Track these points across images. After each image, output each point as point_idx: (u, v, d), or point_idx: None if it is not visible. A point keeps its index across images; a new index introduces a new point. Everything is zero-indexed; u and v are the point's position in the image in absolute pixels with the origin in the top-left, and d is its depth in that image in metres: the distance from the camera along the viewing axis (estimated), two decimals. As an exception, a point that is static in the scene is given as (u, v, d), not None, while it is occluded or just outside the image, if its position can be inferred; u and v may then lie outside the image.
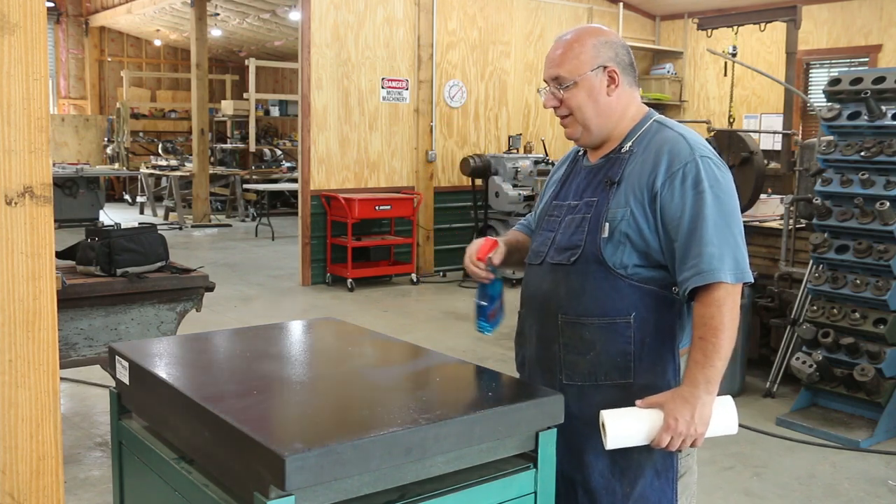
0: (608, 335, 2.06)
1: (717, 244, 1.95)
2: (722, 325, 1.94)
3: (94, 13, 17.07)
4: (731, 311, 1.95)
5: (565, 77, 2.09)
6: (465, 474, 1.80)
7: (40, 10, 1.84)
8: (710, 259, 1.94)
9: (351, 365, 2.23)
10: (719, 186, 1.99)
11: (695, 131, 2.15)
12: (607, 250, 2.04)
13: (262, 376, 2.06)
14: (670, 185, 2.00)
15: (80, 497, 3.72)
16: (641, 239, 2.03)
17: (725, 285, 1.94)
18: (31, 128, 1.85)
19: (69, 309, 3.74)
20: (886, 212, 4.43)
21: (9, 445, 1.90)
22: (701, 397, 1.95)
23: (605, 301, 2.05)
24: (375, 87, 8.75)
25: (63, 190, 12.14)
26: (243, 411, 1.76)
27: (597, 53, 2.08)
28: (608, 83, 2.09)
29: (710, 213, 1.96)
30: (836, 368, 4.62)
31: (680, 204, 1.99)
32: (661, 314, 2.05)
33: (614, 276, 2.04)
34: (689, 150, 2.01)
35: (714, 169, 2.01)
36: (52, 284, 1.93)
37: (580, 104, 2.10)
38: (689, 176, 1.99)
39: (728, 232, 1.98)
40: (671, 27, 11.13)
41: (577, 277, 2.08)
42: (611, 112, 2.11)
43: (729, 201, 2.01)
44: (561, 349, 2.11)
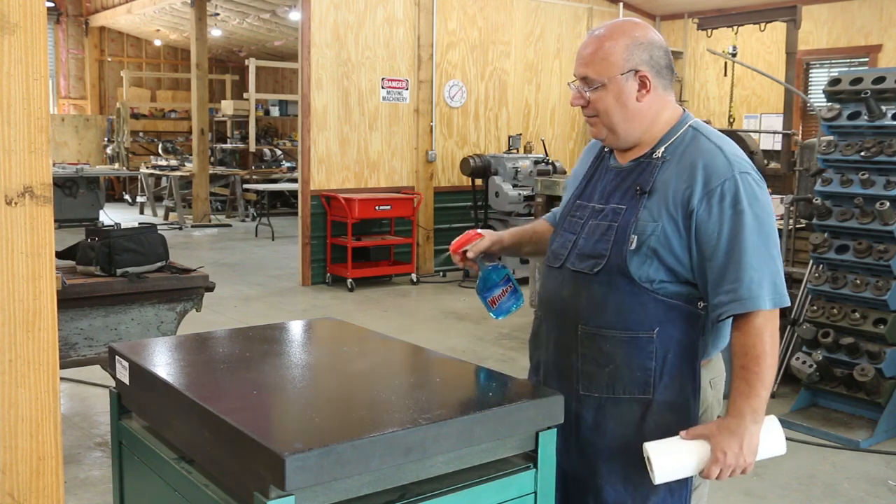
0: (629, 349, 1.99)
1: (757, 268, 1.88)
2: (764, 353, 1.89)
3: (94, 13, 17.07)
4: (772, 337, 1.90)
5: (593, 78, 1.99)
6: (465, 474, 1.80)
7: (40, 10, 1.84)
8: (749, 285, 1.87)
9: (351, 365, 2.23)
10: (759, 205, 1.91)
11: (731, 141, 2.04)
12: (633, 263, 1.96)
13: (262, 376, 2.06)
14: (707, 203, 1.91)
15: (80, 497, 3.72)
16: (671, 255, 1.95)
17: (765, 312, 1.88)
18: (31, 128, 1.85)
19: (69, 309, 3.74)
20: (886, 212, 4.43)
21: (9, 445, 1.90)
22: (749, 428, 1.90)
23: (629, 315, 1.98)
24: (375, 87, 8.75)
25: (63, 190, 12.14)
26: (243, 411, 1.76)
27: (629, 56, 1.96)
28: (639, 88, 1.98)
29: (749, 235, 1.88)
30: (836, 368, 4.62)
31: (717, 224, 1.90)
32: (685, 330, 1.98)
33: (639, 289, 1.96)
34: (727, 167, 1.92)
35: (754, 186, 1.92)
36: (52, 284, 1.93)
37: (607, 108, 2.00)
38: (728, 194, 1.90)
39: (767, 255, 1.90)
40: (671, 27, 11.13)
41: (599, 288, 2.00)
42: (641, 118, 2.01)
43: (768, 220, 1.92)
44: (579, 359, 2.05)
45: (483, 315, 7.41)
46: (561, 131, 10.26)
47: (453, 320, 7.26)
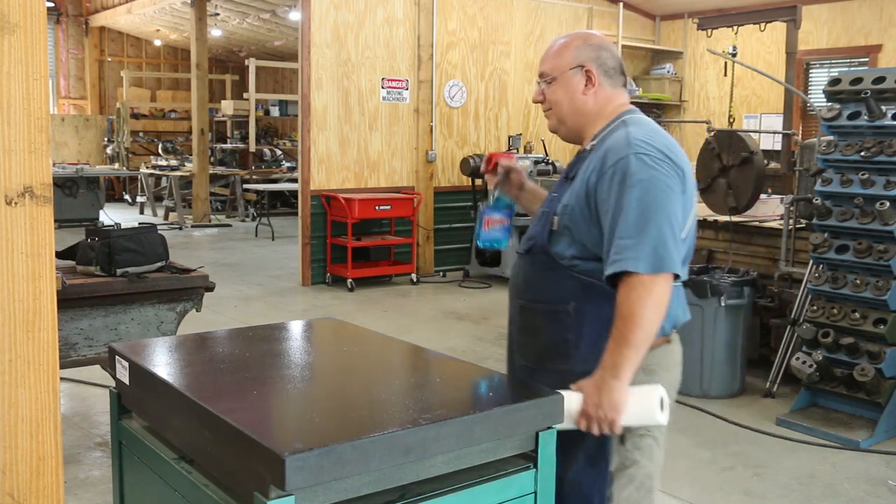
0: (551, 321, 2.18)
1: (633, 236, 2.00)
2: (631, 314, 1.97)
3: (94, 13, 17.07)
4: (644, 300, 1.97)
5: (548, 73, 2.23)
6: (465, 474, 1.80)
7: (40, 10, 1.84)
8: (622, 250, 2.00)
9: (351, 365, 2.23)
10: (649, 181, 2.03)
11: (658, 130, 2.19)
12: (552, 241, 2.18)
13: (262, 376, 2.06)
14: (602, 180, 2.09)
15: (80, 497, 3.72)
16: (579, 231, 2.14)
17: (639, 275, 1.98)
18: (31, 128, 1.85)
19: (69, 309, 3.74)
20: (886, 212, 4.43)
21: (9, 445, 1.90)
22: (607, 382, 1.99)
23: (549, 289, 2.18)
24: (375, 87, 8.75)
25: (63, 190, 12.14)
26: (243, 411, 1.76)
27: (578, 54, 2.20)
28: (585, 83, 2.20)
29: (630, 207, 2.02)
30: (836, 368, 4.62)
31: (607, 198, 2.07)
32: (600, 305, 2.09)
33: (557, 265, 2.16)
34: (626, 147, 2.08)
35: (647, 163, 2.05)
36: (52, 284, 1.93)
37: (559, 99, 2.23)
38: (619, 172, 2.06)
39: (648, 224, 2.00)
40: (671, 27, 11.13)
41: (529, 266, 2.25)
42: (586, 110, 2.22)
43: (658, 195, 2.03)
44: (517, 331, 2.28)
45: (483, 315, 7.41)
46: (561, 131, 10.25)
47: (453, 320, 7.26)
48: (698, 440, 4.55)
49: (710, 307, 5.11)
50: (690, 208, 2.14)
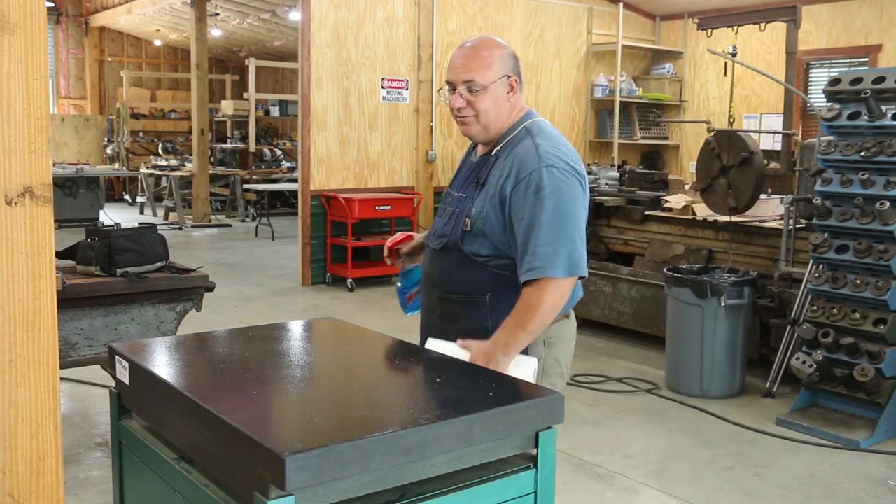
0: (470, 310, 2.42)
1: (551, 244, 2.24)
2: (539, 308, 2.24)
3: (94, 13, 17.07)
4: (549, 298, 2.25)
5: (478, 82, 2.37)
6: (465, 474, 1.80)
7: (40, 10, 1.84)
8: (543, 258, 2.24)
9: (351, 365, 2.23)
10: (560, 193, 2.28)
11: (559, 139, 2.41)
12: (465, 241, 2.39)
13: (262, 376, 2.06)
14: (517, 190, 2.30)
15: (80, 497, 3.72)
16: (494, 235, 2.36)
17: (556, 279, 2.25)
18: (31, 128, 1.85)
19: (69, 309, 3.74)
20: (886, 212, 4.43)
21: (9, 445, 1.90)
22: (497, 355, 2.26)
23: (466, 282, 2.42)
24: (375, 87, 8.75)
25: (63, 190, 12.14)
26: (243, 411, 1.76)
27: (504, 64, 2.39)
28: (509, 90, 2.40)
29: (546, 217, 2.25)
30: (836, 368, 4.62)
31: (522, 207, 2.29)
32: (513, 295, 2.33)
33: (472, 261, 2.40)
34: (537, 160, 2.30)
35: (559, 177, 2.29)
36: (52, 284, 1.93)
37: (487, 107, 2.38)
38: (533, 183, 2.28)
39: (563, 233, 2.26)
40: (671, 27, 11.13)
41: (445, 261, 2.46)
42: (506, 115, 2.42)
43: (568, 206, 2.28)
44: (438, 319, 2.50)
45: (483, 315, 7.40)
46: (561, 131, 10.08)
47: (453, 320, 7.25)
48: (698, 440, 4.55)
49: (710, 307, 5.12)
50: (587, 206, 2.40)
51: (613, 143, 10.36)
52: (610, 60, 10.50)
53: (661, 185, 7.10)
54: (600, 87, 10.45)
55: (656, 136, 11.04)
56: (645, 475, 4.07)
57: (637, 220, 6.68)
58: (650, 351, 6.17)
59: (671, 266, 5.64)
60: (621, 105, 10.39)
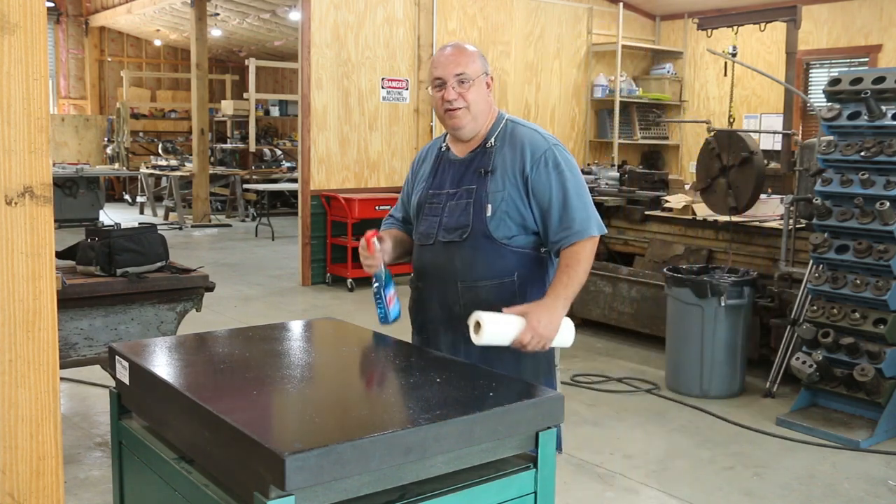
0: (499, 292, 2.55)
1: (582, 209, 2.53)
2: (584, 262, 2.50)
3: (94, 13, 17.06)
4: (591, 253, 2.53)
5: (469, 75, 2.57)
6: (465, 474, 1.80)
7: (40, 10, 1.84)
8: (581, 221, 2.52)
9: (351, 365, 2.24)
10: (571, 165, 2.58)
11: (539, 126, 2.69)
12: (492, 225, 2.54)
13: (262, 376, 2.06)
14: (537, 169, 2.53)
15: (80, 497, 3.72)
16: (518, 213, 2.55)
17: (593, 238, 2.54)
18: (31, 128, 1.85)
19: (69, 309, 3.74)
20: (886, 212, 4.43)
21: (9, 445, 1.90)
22: (559, 308, 2.44)
23: (494, 266, 2.56)
24: (375, 87, 8.75)
25: (63, 190, 12.14)
26: (243, 411, 1.76)
27: (483, 62, 2.64)
28: (488, 87, 2.63)
29: (571, 187, 2.54)
30: (836, 368, 4.62)
31: (547, 183, 2.53)
32: (535, 271, 2.59)
33: (499, 245, 2.55)
34: (544, 141, 2.57)
35: (565, 152, 2.59)
36: (52, 284, 1.93)
37: (477, 98, 2.59)
38: (550, 160, 2.54)
39: (587, 198, 2.57)
40: (671, 27, 11.13)
41: (469, 251, 2.57)
42: (488, 109, 2.64)
43: (579, 175, 2.60)
44: (461, 309, 2.55)
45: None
46: (561, 131, 10.25)
47: (453, 320, 7.25)
48: (698, 440, 4.55)
49: (710, 307, 5.11)
50: None
51: (613, 143, 10.36)
52: (610, 60, 10.49)
53: (661, 185, 7.10)
54: (600, 87, 10.45)
55: (656, 136, 11.04)
56: (645, 475, 4.07)
57: (637, 220, 6.68)
58: (650, 351, 6.17)
59: (671, 266, 5.64)
60: (621, 105, 10.39)
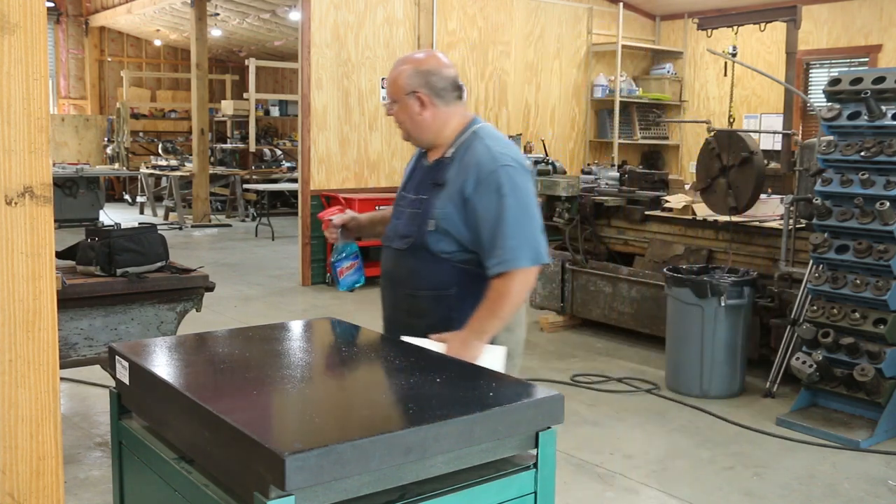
0: (436, 304, 2.60)
1: (516, 237, 2.47)
2: (510, 296, 2.47)
3: (94, 13, 17.06)
4: (519, 286, 2.48)
5: (390, 97, 2.63)
6: (465, 474, 1.80)
7: (40, 10, 1.84)
8: (510, 250, 2.46)
9: (351, 365, 2.24)
10: (518, 190, 2.51)
11: (505, 141, 2.63)
12: (431, 240, 2.57)
13: (262, 376, 2.06)
14: (477, 190, 2.51)
15: (80, 497, 3.72)
16: (458, 232, 2.55)
17: (523, 270, 2.47)
18: (31, 128, 1.85)
19: (69, 309, 3.74)
20: (886, 212, 4.43)
21: (9, 445, 1.90)
22: (472, 341, 2.45)
23: (432, 279, 2.60)
24: (375, 87, 8.75)
25: (63, 190, 12.14)
26: (243, 411, 1.76)
27: (408, 82, 2.58)
28: (419, 106, 2.58)
29: (509, 214, 2.47)
30: (836, 368, 4.62)
31: (486, 206, 2.50)
32: (475, 287, 2.55)
33: (438, 259, 2.58)
34: (493, 162, 2.52)
35: (514, 176, 2.52)
36: (52, 284, 1.93)
37: (402, 119, 2.63)
38: (493, 183, 2.50)
39: (526, 226, 2.49)
40: (671, 27, 11.13)
41: (411, 260, 2.64)
42: (426, 127, 2.61)
43: (525, 200, 2.52)
44: (404, 314, 2.68)
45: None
46: (561, 131, 10.26)
47: (453, 320, 7.24)
48: (698, 440, 4.55)
49: (710, 307, 5.11)
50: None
51: (613, 143, 10.36)
52: (610, 60, 10.49)
53: (661, 185, 7.10)
54: (600, 87, 10.45)
55: (656, 136, 11.04)
56: (645, 475, 4.07)
57: (637, 220, 6.67)
58: (650, 351, 6.17)
59: (671, 266, 5.64)
60: (621, 105, 10.39)
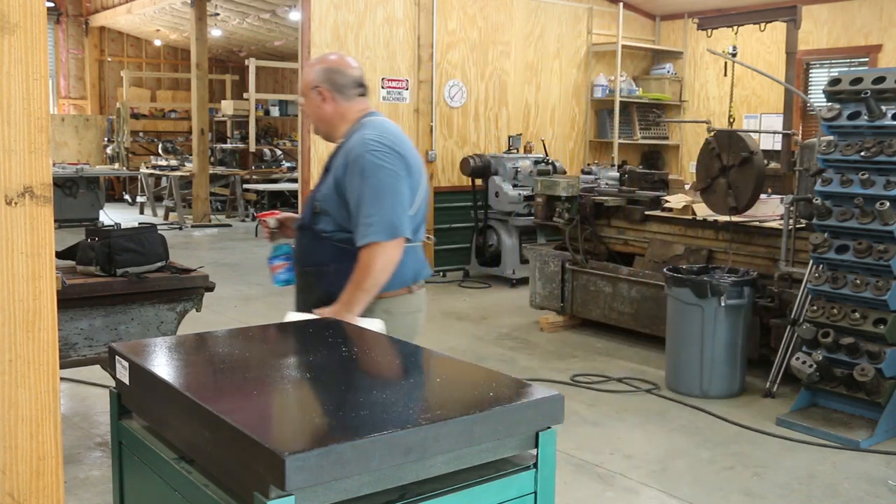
0: (320, 280, 2.87)
1: (373, 214, 2.70)
2: (368, 267, 2.70)
3: (94, 13, 17.06)
4: (378, 258, 2.70)
5: (300, 93, 2.95)
6: (465, 474, 1.80)
7: (40, 10, 1.84)
8: (368, 226, 2.71)
9: (351, 365, 2.23)
10: (380, 171, 2.73)
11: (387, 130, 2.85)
12: (316, 221, 2.86)
13: (262, 376, 2.06)
14: (346, 173, 2.78)
15: (80, 497, 3.72)
16: (336, 212, 2.81)
17: (380, 243, 2.70)
18: (31, 128, 1.85)
19: (69, 309, 3.74)
20: (886, 212, 4.43)
21: (9, 445, 1.90)
22: (342, 313, 2.68)
23: (316, 256, 2.88)
24: (375, 87, 8.74)
25: (63, 190, 12.13)
26: (243, 411, 1.76)
27: (314, 77, 2.90)
28: (321, 100, 2.89)
29: (369, 193, 2.72)
30: (836, 368, 4.62)
31: (352, 187, 2.76)
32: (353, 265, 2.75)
33: (320, 238, 2.85)
34: (362, 146, 2.77)
35: (378, 158, 2.74)
36: (52, 284, 1.93)
37: (309, 112, 2.97)
38: (358, 166, 2.75)
39: (383, 203, 2.71)
40: (671, 27, 11.13)
41: (302, 240, 2.96)
42: (328, 119, 2.92)
43: (387, 180, 2.73)
44: (299, 291, 2.97)
45: (483, 315, 7.41)
46: (561, 131, 10.26)
47: (453, 320, 7.26)
48: (698, 440, 4.55)
49: (710, 307, 5.11)
50: (418, 187, 2.84)
51: (613, 143, 10.36)
52: (610, 60, 10.49)
53: (661, 185, 7.10)
54: (600, 87, 10.45)
55: (656, 136, 11.04)
56: (645, 475, 4.07)
57: (637, 220, 6.68)
58: (650, 351, 6.17)
59: (671, 266, 5.64)
60: (621, 105, 10.39)
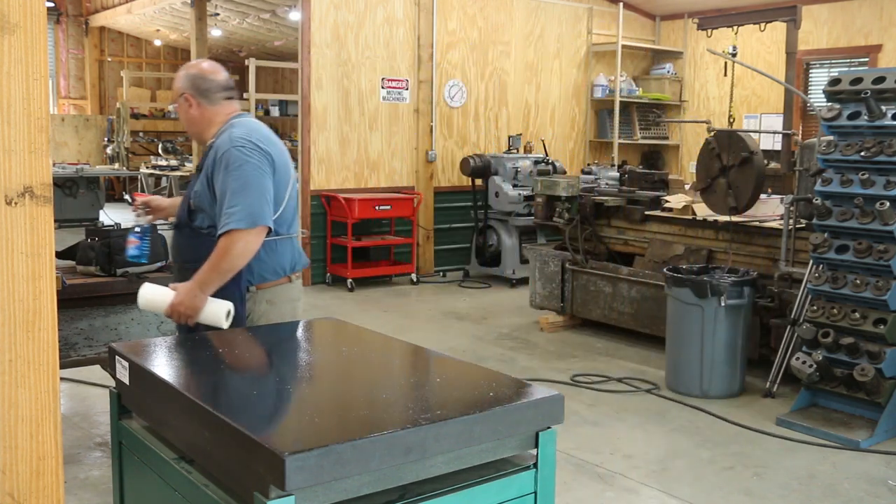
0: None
1: (234, 205, 2.82)
2: (228, 253, 2.80)
3: (94, 13, 17.05)
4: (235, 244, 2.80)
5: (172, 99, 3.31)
6: (465, 474, 1.80)
7: (40, 10, 1.84)
8: (230, 215, 2.82)
9: (351, 365, 2.24)
10: (244, 165, 2.87)
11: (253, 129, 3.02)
12: (191, 218, 3.01)
13: (261, 376, 2.06)
14: (214, 169, 2.92)
15: (80, 497, 3.72)
16: (209, 208, 2.94)
17: (238, 231, 2.80)
18: (31, 128, 1.85)
19: (69, 309, 3.74)
20: (886, 212, 4.43)
21: (9, 445, 1.90)
22: (195, 291, 2.81)
23: (192, 251, 2.99)
24: (375, 87, 8.75)
25: (63, 190, 12.13)
26: (243, 411, 1.76)
27: (181, 84, 3.08)
28: (188, 106, 3.06)
29: (233, 185, 2.85)
30: (836, 368, 4.62)
31: (219, 181, 2.89)
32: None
33: (198, 234, 2.98)
34: (228, 143, 2.91)
35: (242, 154, 2.88)
36: (52, 284, 1.92)
37: (180, 117, 3.14)
38: (224, 161, 2.89)
39: (245, 195, 2.83)
40: (671, 27, 11.13)
41: (178, 236, 3.11)
42: (196, 123, 3.09)
43: (250, 173, 2.87)
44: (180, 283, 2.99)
45: (483, 315, 7.41)
46: (561, 131, 10.26)
47: (453, 320, 7.26)
48: (698, 440, 4.55)
49: (710, 307, 5.11)
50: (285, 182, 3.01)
51: (613, 143, 10.36)
52: (610, 60, 10.49)
53: (661, 185, 7.10)
54: (600, 87, 10.45)
55: (656, 136, 11.04)
56: (645, 475, 4.07)
57: (637, 220, 6.68)
58: (650, 351, 6.17)
59: (671, 266, 5.64)
60: (621, 105, 10.39)
